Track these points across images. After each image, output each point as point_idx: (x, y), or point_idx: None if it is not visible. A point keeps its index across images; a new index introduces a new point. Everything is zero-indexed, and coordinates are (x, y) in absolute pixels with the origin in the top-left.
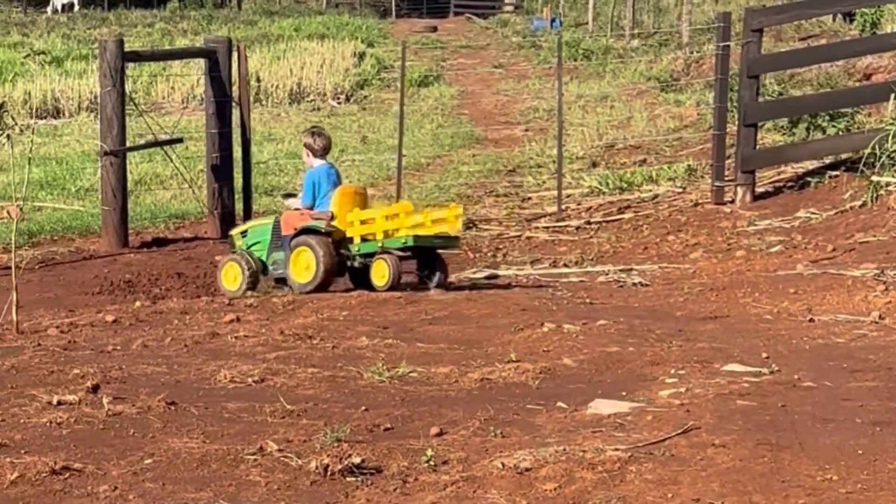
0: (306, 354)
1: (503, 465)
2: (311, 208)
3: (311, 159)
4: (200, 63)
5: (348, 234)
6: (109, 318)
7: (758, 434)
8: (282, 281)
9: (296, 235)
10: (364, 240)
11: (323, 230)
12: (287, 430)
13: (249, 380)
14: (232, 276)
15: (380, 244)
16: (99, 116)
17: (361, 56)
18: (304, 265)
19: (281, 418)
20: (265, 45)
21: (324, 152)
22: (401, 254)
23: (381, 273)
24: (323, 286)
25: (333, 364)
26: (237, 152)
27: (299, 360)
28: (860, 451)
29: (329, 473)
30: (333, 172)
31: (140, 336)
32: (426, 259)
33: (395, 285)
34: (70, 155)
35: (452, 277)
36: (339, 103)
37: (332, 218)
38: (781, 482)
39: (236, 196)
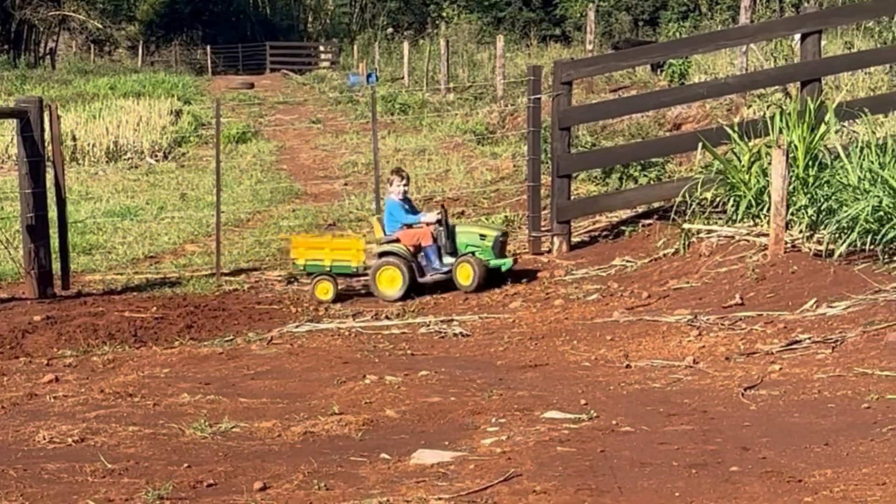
0: (127, 413)
1: None
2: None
3: None
4: (14, 123)
5: None
6: None
7: (578, 479)
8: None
9: None
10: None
11: None
12: (108, 489)
13: (69, 440)
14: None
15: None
16: None
17: (178, 114)
18: None
19: (102, 478)
20: (80, 104)
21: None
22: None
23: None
24: None
25: (155, 421)
26: (53, 212)
27: (120, 419)
28: (677, 494)
29: None
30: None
31: None
32: None
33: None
34: None
35: (275, 332)
36: (156, 161)
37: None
38: None
39: (53, 255)
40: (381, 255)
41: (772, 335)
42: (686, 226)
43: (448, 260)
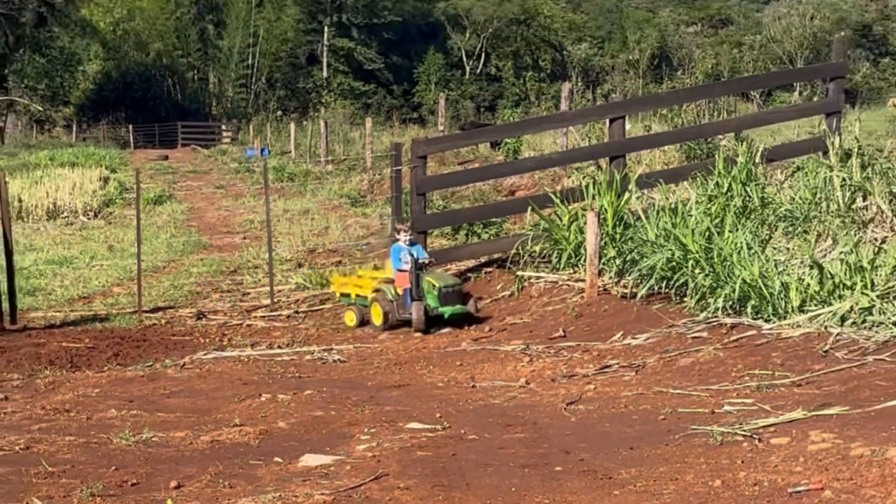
0: (65, 425)
1: None
2: None
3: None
4: None
5: None
6: None
7: (434, 478)
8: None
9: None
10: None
11: None
12: (49, 488)
13: (16, 447)
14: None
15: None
16: None
17: (106, 180)
18: None
19: (44, 479)
20: (25, 172)
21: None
22: None
23: None
24: None
25: (88, 432)
26: (1, 260)
27: (59, 430)
28: (513, 489)
29: None
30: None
31: None
32: None
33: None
34: None
35: (187, 359)
36: (88, 219)
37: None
38: None
39: (3, 297)
40: (375, 291)
41: (588, 361)
42: (519, 273)
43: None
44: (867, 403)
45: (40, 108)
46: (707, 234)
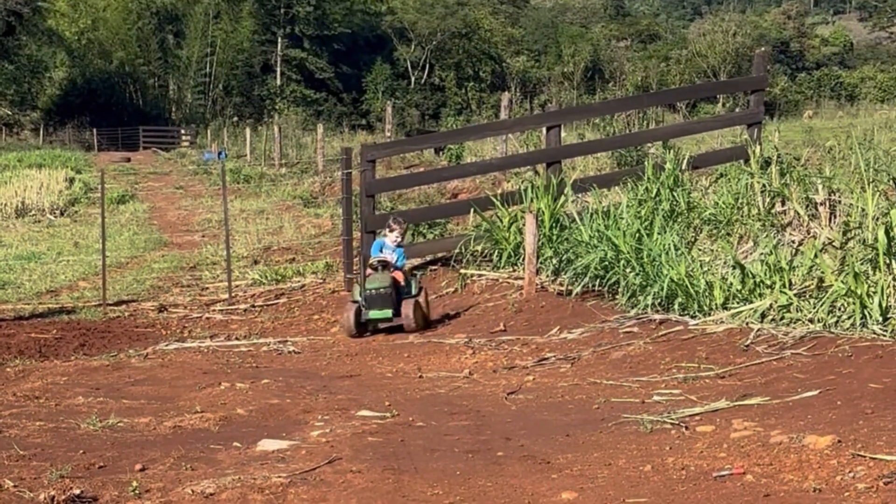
0: (35, 411)
1: (192, 491)
2: None
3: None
4: None
5: None
6: None
7: (384, 462)
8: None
9: None
10: None
11: None
12: (21, 470)
13: None
14: None
15: None
16: None
17: (72, 180)
18: None
19: (15, 461)
20: None
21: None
22: None
23: None
24: None
25: (56, 418)
26: None
27: (29, 416)
28: (458, 473)
29: (55, 503)
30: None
31: None
32: None
33: None
34: None
35: (150, 349)
36: (55, 217)
37: None
38: (402, 497)
39: None
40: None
41: (527, 354)
42: (462, 271)
43: None
44: (785, 394)
45: (9, 113)
46: (637, 235)
